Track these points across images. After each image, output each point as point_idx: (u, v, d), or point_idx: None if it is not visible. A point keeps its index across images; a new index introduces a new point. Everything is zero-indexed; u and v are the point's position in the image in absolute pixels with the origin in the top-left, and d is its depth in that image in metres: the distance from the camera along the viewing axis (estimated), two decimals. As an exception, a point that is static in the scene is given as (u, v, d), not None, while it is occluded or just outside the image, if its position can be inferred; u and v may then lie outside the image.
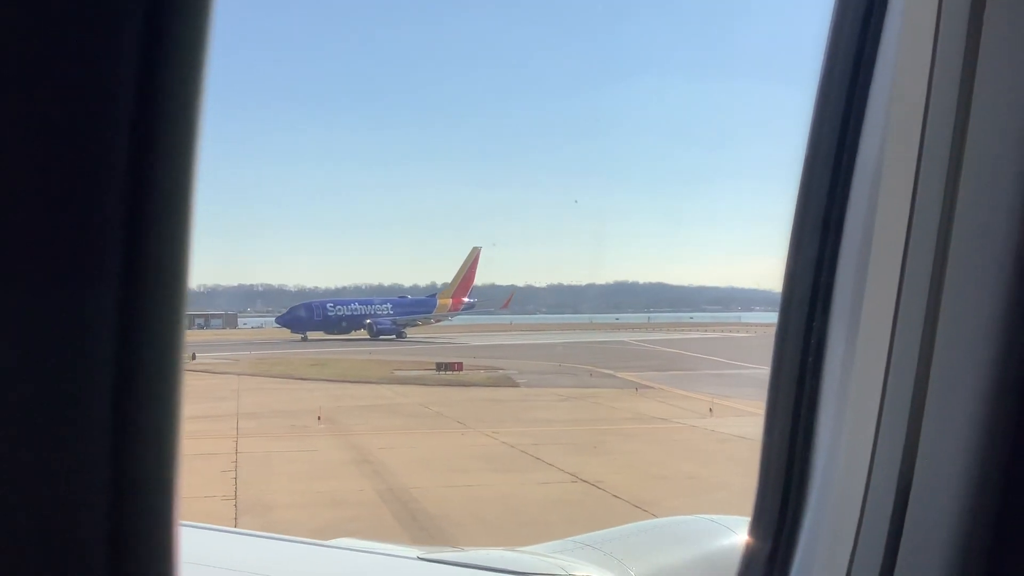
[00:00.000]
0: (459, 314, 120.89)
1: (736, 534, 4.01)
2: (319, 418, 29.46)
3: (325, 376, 47.66)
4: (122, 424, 0.93)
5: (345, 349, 76.94)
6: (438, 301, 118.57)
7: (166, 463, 0.98)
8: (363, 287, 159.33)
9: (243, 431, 27.11)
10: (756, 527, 2.15)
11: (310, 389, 41.51)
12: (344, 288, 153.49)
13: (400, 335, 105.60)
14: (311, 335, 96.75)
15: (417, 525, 16.30)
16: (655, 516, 10.72)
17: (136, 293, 0.94)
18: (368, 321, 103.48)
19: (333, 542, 4.59)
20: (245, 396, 37.77)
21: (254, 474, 20.20)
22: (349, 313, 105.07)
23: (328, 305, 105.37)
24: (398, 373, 48.47)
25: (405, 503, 17.92)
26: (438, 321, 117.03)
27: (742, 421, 26.69)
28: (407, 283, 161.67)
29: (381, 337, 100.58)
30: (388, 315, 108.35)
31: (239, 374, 50.17)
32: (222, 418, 29.86)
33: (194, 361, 59.17)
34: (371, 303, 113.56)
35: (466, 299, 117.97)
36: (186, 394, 1.00)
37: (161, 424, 0.97)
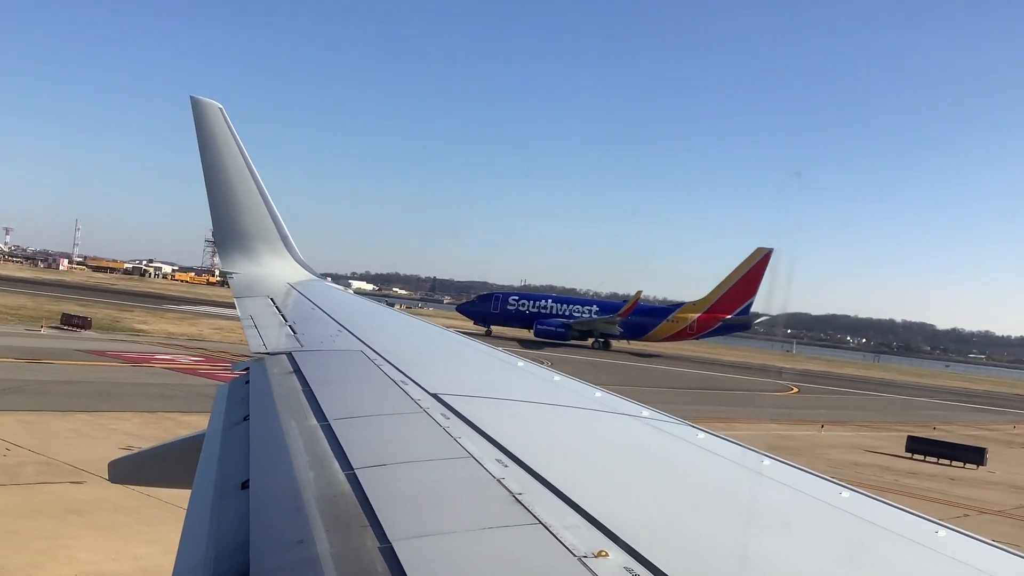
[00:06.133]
0: (711, 335, 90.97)
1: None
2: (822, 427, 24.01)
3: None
4: None
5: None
6: (675, 314, 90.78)
7: None
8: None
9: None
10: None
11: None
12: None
13: (602, 344, 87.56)
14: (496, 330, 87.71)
15: None
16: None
17: None
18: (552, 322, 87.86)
19: None
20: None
21: None
22: (536, 310, 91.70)
23: (511, 298, 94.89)
24: None
25: None
26: (671, 339, 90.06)
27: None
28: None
29: (550, 340, 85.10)
30: (583, 317, 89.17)
31: None
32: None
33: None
34: (570, 302, 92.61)
35: (728, 316, 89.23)
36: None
37: None
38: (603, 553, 2.62)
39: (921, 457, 32.32)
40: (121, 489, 19.23)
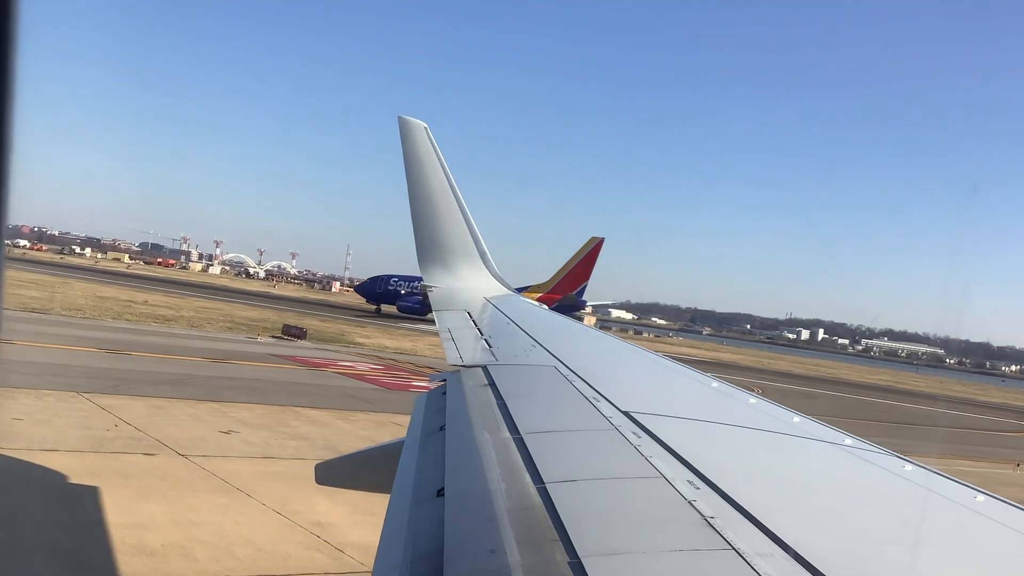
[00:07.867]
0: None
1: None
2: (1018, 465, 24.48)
3: None
4: None
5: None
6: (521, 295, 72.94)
7: None
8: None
9: None
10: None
11: None
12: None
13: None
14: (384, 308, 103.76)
15: None
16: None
17: None
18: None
19: None
20: None
21: None
22: (409, 290, 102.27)
23: (392, 279, 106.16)
24: None
25: None
26: None
27: None
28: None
29: (409, 316, 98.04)
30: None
31: None
32: None
33: None
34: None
35: (560, 297, 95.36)
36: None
37: None
38: None
39: None
40: (183, 461, 20.60)
